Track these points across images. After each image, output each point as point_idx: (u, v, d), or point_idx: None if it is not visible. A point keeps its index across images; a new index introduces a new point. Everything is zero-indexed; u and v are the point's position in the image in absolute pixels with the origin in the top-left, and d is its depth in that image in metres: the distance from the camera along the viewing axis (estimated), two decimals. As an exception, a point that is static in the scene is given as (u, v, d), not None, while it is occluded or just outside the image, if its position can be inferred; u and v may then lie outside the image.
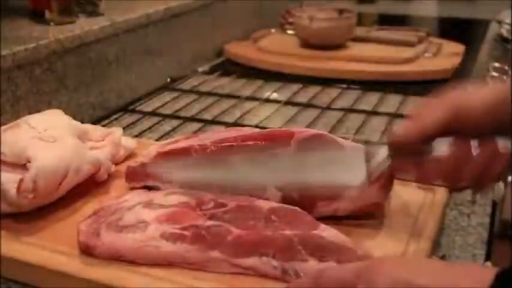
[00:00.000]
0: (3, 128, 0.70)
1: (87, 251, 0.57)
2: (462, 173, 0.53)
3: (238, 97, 1.16)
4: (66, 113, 0.77)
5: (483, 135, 0.53)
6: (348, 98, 1.16)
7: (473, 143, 0.53)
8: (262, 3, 1.72)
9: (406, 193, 0.68)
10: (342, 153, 0.55)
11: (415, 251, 0.58)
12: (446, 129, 0.53)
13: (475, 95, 0.53)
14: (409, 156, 0.54)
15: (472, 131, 0.53)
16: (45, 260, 0.57)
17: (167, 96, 1.18)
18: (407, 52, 1.32)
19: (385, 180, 0.60)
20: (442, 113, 0.53)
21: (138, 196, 0.64)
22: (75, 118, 0.76)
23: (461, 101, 0.53)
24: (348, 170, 0.54)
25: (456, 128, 0.53)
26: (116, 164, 0.75)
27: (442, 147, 0.53)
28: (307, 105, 1.11)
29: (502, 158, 0.53)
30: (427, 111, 0.54)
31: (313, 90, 1.21)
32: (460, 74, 1.28)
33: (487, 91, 0.54)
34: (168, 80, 1.26)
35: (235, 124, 1.01)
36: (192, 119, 1.05)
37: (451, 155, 0.53)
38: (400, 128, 0.55)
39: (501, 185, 0.75)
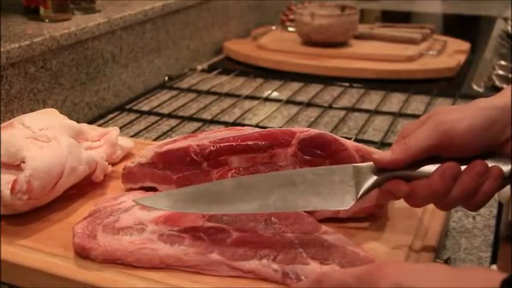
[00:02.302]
0: (-4, 127, 0.70)
1: (82, 254, 0.57)
2: (451, 193, 0.53)
3: (237, 96, 1.16)
4: (61, 112, 0.77)
5: (471, 157, 0.53)
6: (350, 96, 1.16)
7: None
8: (263, -1, 1.72)
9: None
10: (330, 176, 0.55)
11: (419, 254, 0.58)
12: (433, 152, 0.54)
13: (463, 118, 0.53)
14: (398, 179, 0.55)
15: (459, 154, 0.54)
16: (39, 263, 0.57)
17: (165, 95, 1.18)
18: (411, 50, 1.32)
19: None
20: (428, 138, 0.53)
21: (135, 197, 0.64)
22: (70, 117, 0.76)
23: (448, 125, 0.53)
24: (335, 194, 0.55)
25: (443, 150, 0.53)
26: (113, 164, 0.75)
27: (431, 171, 0.54)
28: (309, 104, 1.11)
29: (492, 177, 0.53)
30: (412, 135, 0.54)
31: (314, 88, 1.21)
32: (465, 72, 1.29)
33: (474, 114, 0.53)
34: (166, 78, 1.26)
35: (235, 124, 1.01)
36: (191, 118, 1.05)
37: (438, 173, 0.53)
38: (387, 152, 0.55)
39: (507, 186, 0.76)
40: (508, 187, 0.59)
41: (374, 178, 0.55)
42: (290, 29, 1.52)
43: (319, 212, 0.62)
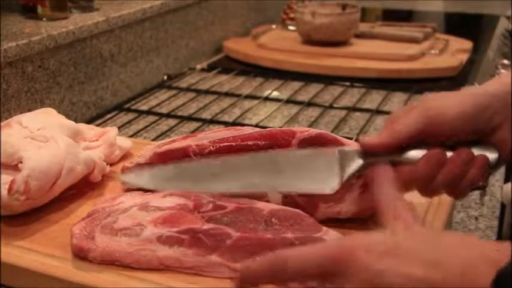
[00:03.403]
0: (-7, 127, 0.70)
1: (80, 255, 0.57)
2: (436, 179, 0.53)
3: (237, 95, 1.16)
4: (59, 112, 0.77)
5: (458, 143, 0.53)
6: (351, 96, 1.16)
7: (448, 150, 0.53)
8: (263, -2, 1.72)
9: (412, 195, 0.67)
10: (315, 159, 0.55)
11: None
12: (420, 137, 0.54)
13: (450, 104, 0.53)
14: (384, 164, 0.54)
15: (447, 140, 0.54)
16: (37, 264, 0.57)
17: (164, 94, 1.18)
18: (412, 49, 1.32)
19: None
20: (416, 121, 0.53)
21: (134, 198, 0.64)
22: (68, 117, 0.76)
23: (437, 110, 0.53)
24: (320, 177, 0.55)
25: (431, 136, 0.53)
26: (111, 164, 0.75)
27: (418, 157, 0.54)
28: (309, 104, 1.11)
29: (477, 164, 0.53)
30: (401, 119, 0.54)
31: (315, 88, 1.21)
32: (467, 71, 1.29)
33: (463, 99, 0.54)
34: (165, 77, 1.26)
35: (235, 123, 1.01)
36: (190, 118, 1.05)
37: (423, 160, 0.53)
38: (374, 136, 0.55)
39: (510, 186, 0.75)
40: (509, 188, 0.59)
41: (360, 162, 0.55)
42: (290, 27, 1.52)
43: (319, 212, 0.62)
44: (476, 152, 0.53)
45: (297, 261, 0.43)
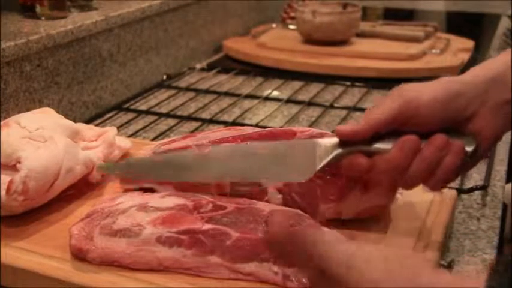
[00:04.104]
0: (-9, 127, 0.70)
1: (79, 256, 0.57)
2: (411, 168, 0.52)
3: (237, 95, 1.16)
4: (57, 112, 0.77)
5: (433, 131, 0.53)
6: (352, 96, 1.16)
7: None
8: (263, -3, 1.72)
9: (413, 195, 0.68)
10: (293, 149, 0.56)
11: (422, 256, 0.58)
12: (395, 124, 0.54)
13: (425, 90, 0.54)
14: (359, 153, 0.54)
15: (421, 127, 0.53)
16: (36, 265, 0.57)
17: (163, 94, 1.18)
18: (413, 48, 1.32)
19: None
20: (389, 107, 0.53)
21: (133, 198, 0.64)
22: (67, 117, 0.76)
23: (410, 96, 0.53)
24: (296, 167, 0.55)
25: (404, 123, 0.53)
26: (110, 164, 0.75)
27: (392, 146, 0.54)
28: (309, 104, 1.11)
29: (453, 152, 0.52)
30: (375, 107, 0.54)
31: (315, 87, 1.21)
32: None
33: (438, 86, 0.54)
34: (164, 77, 1.26)
35: (235, 123, 1.01)
36: (189, 118, 1.05)
37: (397, 146, 0.53)
38: (349, 123, 0.55)
39: (511, 187, 0.76)
40: (510, 188, 0.59)
41: (335, 152, 0.55)
42: (291, 26, 1.52)
43: (319, 213, 0.62)
44: (452, 140, 0.53)
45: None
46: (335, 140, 0.56)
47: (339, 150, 0.55)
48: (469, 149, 0.53)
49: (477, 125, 0.54)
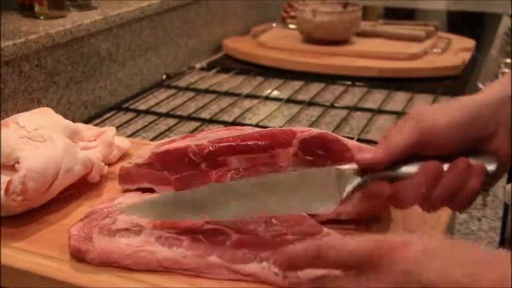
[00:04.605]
0: (-10, 127, 0.70)
1: (78, 256, 0.57)
2: (435, 192, 0.53)
3: (237, 95, 1.16)
4: (56, 112, 0.77)
5: (453, 154, 0.54)
6: (353, 95, 1.16)
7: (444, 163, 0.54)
8: (263, -4, 1.72)
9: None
10: (311, 179, 0.56)
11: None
12: (414, 150, 0.54)
13: (442, 115, 0.54)
14: (381, 180, 0.55)
15: (441, 151, 0.54)
16: (34, 266, 0.57)
17: (163, 93, 1.18)
18: (414, 47, 1.32)
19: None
20: (408, 134, 0.54)
21: (132, 199, 0.64)
22: (66, 117, 0.76)
23: (428, 122, 0.54)
24: (317, 197, 0.56)
25: (424, 148, 0.54)
26: (109, 165, 0.75)
27: (414, 170, 0.54)
28: (310, 103, 1.11)
29: (475, 175, 0.53)
30: (393, 134, 0.55)
31: (315, 87, 1.21)
32: (470, 70, 1.29)
33: (455, 111, 0.54)
34: (164, 76, 1.26)
35: (234, 123, 1.01)
36: (189, 117, 1.05)
37: (420, 172, 0.53)
38: (369, 151, 0.56)
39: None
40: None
41: (357, 180, 0.55)
42: (291, 26, 1.52)
43: (320, 214, 0.62)
44: (473, 161, 0.54)
45: (337, 251, 0.46)
46: (354, 167, 0.56)
47: (362, 178, 0.55)
48: (490, 168, 0.54)
49: (495, 144, 0.54)
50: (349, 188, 0.55)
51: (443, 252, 0.43)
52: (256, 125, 0.97)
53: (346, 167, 0.56)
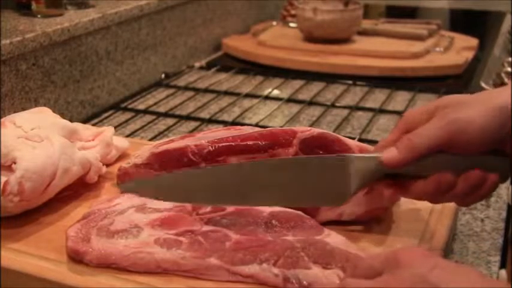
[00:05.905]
0: (-13, 127, 0.70)
1: (76, 258, 0.57)
2: (445, 198, 0.55)
3: (237, 94, 1.16)
4: (54, 111, 0.77)
5: (477, 153, 0.54)
6: (354, 95, 1.16)
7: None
8: (263, -6, 1.72)
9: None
10: (325, 170, 0.56)
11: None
12: (439, 149, 0.54)
13: (475, 118, 0.53)
14: (399, 175, 0.55)
15: (467, 151, 0.54)
16: (31, 267, 0.57)
17: (161, 93, 1.18)
18: (416, 46, 1.32)
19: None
20: (436, 134, 0.53)
21: (131, 199, 0.64)
22: (63, 116, 0.76)
23: (459, 124, 0.53)
24: (331, 189, 0.55)
25: (451, 148, 0.54)
26: (107, 165, 0.75)
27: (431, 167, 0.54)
28: (311, 103, 1.11)
29: (488, 184, 0.53)
30: (419, 131, 0.54)
31: (316, 86, 1.21)
32: (472, 69, 1.29)
33: (488, 114, 0.53)
34: (163, 76, 1.26)
35: (234, 123, 1.01)
36: (188, 117, 1.05)
37: (434, 184, 0.54)
38: (392, 151, 0.54)
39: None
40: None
41: (367, 174, 0.55)
42: (291, 24, 1.52)
43: (321, 214, 0.62)
44: (493, 161, 0.54)
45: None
46: (366, 158, 0.55)
47: (378, 171, 0.55)
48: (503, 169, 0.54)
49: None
50: (358, 183, 0.55)
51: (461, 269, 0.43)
52: (256, 125, 0.97)
53: (363, 156, 0.56)
